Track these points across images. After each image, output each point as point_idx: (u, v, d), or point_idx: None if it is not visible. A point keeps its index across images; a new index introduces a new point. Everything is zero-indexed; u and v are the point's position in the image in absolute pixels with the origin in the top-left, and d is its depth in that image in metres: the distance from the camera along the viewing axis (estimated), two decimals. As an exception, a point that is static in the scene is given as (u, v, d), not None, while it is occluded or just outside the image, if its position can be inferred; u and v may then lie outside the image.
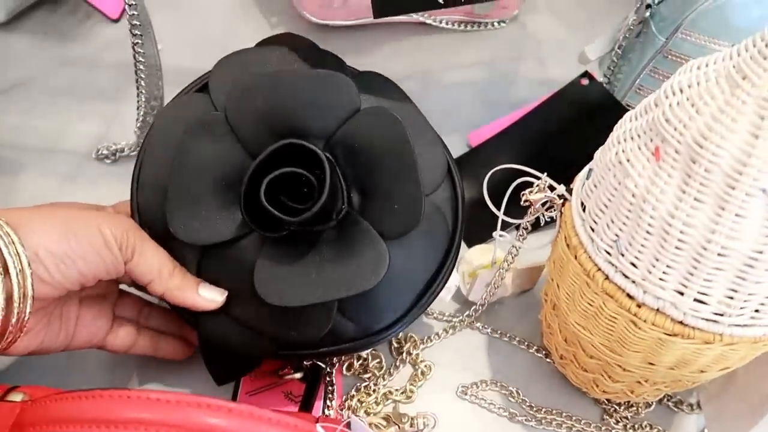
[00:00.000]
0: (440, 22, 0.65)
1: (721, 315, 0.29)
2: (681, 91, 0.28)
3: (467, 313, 0.44)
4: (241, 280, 0.34)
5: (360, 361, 0.41)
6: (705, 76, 0.28)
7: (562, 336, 0.39)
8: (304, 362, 0.38)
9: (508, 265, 0.42)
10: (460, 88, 0.61)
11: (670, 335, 0.30)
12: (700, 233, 0.27)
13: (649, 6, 0.50)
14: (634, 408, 0.41)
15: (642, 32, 0.51)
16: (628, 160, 0.30)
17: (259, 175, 0.33)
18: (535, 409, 0.41)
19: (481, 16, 0.65)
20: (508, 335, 0.44)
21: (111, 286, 0.37)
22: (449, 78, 0.62)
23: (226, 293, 0.35)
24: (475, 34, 0.66)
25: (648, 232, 0.29)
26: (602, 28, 0.54)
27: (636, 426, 0.40)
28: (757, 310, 0.29)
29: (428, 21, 0.64)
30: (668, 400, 0.41)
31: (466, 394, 0.41)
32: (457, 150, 0.55)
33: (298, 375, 0.38)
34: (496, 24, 0.66)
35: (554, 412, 0.41)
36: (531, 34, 0.67)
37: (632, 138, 0.30)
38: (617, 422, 0.40)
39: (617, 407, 0.41)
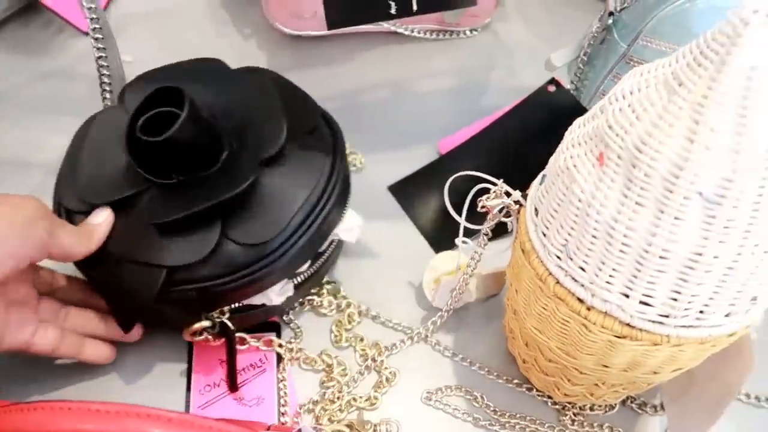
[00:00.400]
0: (412, 31, 0.65)
1: (667, 316, 0.30)
2: (624, 97, 0.29)
3: (432, 319, 0.44)
4: (138, 227, 0.38)
5: (323, 366, 0.42)
6: (646, 82, 0.28)
7: (523, 340, 0.39)
8: (213, 315, 0.39)
9: (472, 271, 0.42)
10: (431, 96, 0.62)
11: (619, 337, 0.31)
12: (642, 237, 0.28)
13: (611, 13, 0.51)
14: (598, 411, 0.41)
15: (606, 39, 0.52)
16: (575, 166, 0.31)
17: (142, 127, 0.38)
18: (499, 413, 0.41)
19: (452, 25, 0.66)
20: (460, 356, 0.43)
21: (30, 291, 0.39)
22: (421, 86, 0.63)
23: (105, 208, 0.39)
24: (447, 42, 0.66)
25: (594, 237, 0.30)
26: (573, 35, 0.54)
27: (597, 427, 0.41)
28: (701, 312, 0.29)
29: (400, 30, 0.65)
30: (632, 402, 0.42)
31: (430, 400, 0.41)
32: (427, 157, 0.55)
33: (206, 323, 0.39)
34: (467, 32, 0.67)
35: (518, 416, 0.41)
36: (502, 42, 0.67)
37: (579, 144, 0.31)
38: (581, 425, 0.41)
39: (580, 410, 0.41)
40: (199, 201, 0.37)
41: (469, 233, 0.40)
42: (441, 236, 0.50)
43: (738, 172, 0.26)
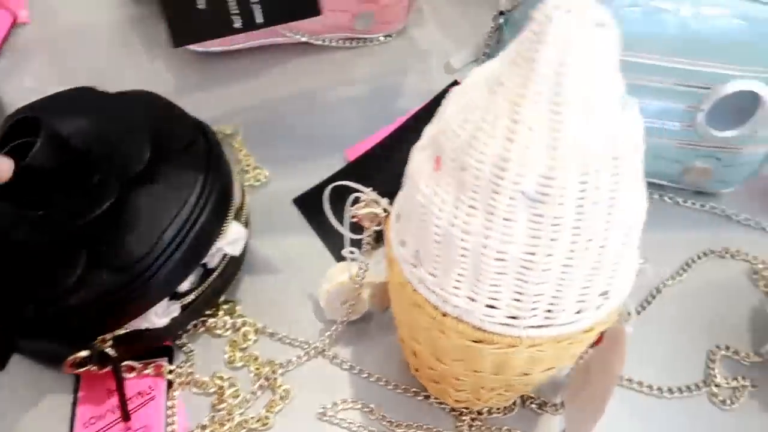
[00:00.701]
0: (324, 41, 0.65)
1: (515, 318, 0.29)
2: (456, 99, 0.29)
3: (328, 332, 0.44)
4: (6, 261, 0.38)
5: (214, 389, 0.41)
6: (475, 83, 0.28)
7: (410, 350, 0.39)
8: (95, 344, 0.38)
9: (361, 281, 0.41)
10: (342, 105, 0.61)
11: (475, 342, 0.30)
12: (477, 240, 0.28)
13: (502, 13, 0.51)
14: (496, 414, 0.41)
15: (500, 39, 0.52)
16: (418, 171, 0.30)
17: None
18: (395, 424, 0.40)
19: (364, 32, 0.65)
20: (358, 368, 0.43)
21: None
22: (333, 96, 0.62)
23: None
24: (362, 49, 0.66)
25: (437, 242, 0.29)
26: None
27: (496, 431, 0.40)
28: (549, 311, 0.29)
29: (311, 41, 0.64)
30: (531, 403, 0.41)
31: (325, 415, 0.41)
32: (335, 168, 0.55)
33: (83, 353, 0.38)
34: (381, 38, 0.66)
35: (415, 425, 0.40)
36: (417, 47, 0.67)
37: (424, 149, 0.31)
38: (479, 430, 0.40)
39: (478, 414, 0.41)
40: (61, 228, 0.36)
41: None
42: (342, 247, 0.50)
43: (557, 169, 0.26)
